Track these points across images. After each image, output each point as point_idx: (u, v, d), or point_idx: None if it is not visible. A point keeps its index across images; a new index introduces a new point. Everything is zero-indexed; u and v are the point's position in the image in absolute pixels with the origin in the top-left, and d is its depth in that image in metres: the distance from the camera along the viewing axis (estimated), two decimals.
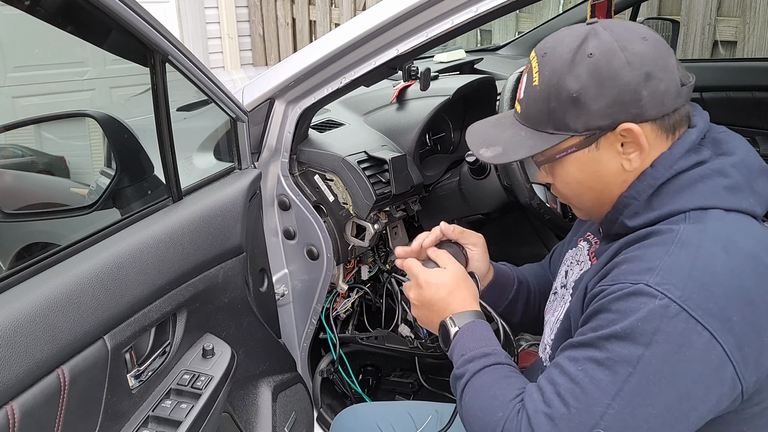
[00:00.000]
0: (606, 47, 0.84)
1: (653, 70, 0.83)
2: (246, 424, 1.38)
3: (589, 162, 0.89)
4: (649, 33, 0.87)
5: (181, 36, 4.99)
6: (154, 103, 1.10)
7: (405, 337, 1.76)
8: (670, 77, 0.84)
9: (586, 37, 0.86)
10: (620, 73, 0.83)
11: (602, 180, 0.90)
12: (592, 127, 0.86)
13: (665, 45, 0.87)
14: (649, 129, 0.86)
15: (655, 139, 0.87)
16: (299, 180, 1.54)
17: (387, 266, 1.78)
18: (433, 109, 1.71)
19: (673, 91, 0.84)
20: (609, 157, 0.88)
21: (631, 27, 0.88)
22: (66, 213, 1.42)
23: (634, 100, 0.83)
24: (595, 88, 0.84)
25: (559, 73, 0.86)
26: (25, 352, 0.78)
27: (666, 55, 0.86)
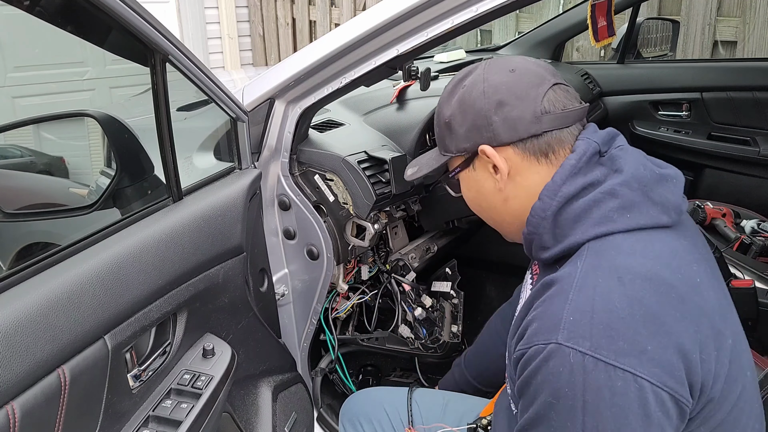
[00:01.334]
0: (474, 79, 0.96)
1: (506, 98, 0.92)
2: (246, 424, 1.38)
3: (472, 181, 1.02)
4: (524, 66, 0.95)
5: (181, 36, 5.00)
6: (154, 103, 1.10)
7: (405, 338, 1.76)
8: (526, 105, 0.91)
9: (468, 72, 0.99)
10: (476, 101, 0.94)
11: (486, 199, 1.01)
12: (461, 149, 0.98)
13: (537, 77, 0.94)
14: (512, 152, 0.94)
15: (522, 162, 0.94)
16: (299, 180, 1.54)
17: (387, 266, 1.78)
18: (433, 109, 1.71)
19: (528, 118, 0.91)
20: (484, 177, 0.98)
21: (510, 60, 0.97)
22: (66, 213, 1.42)
23: (485, 125, 0.93)
24: (459, 114, 0.97)
25: (441, 102, 1.02)
26: (25, 351, 0.78)
27: (529, 86, 0.92)
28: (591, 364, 0.74)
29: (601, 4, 2.00)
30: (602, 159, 0.92)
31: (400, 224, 1.87)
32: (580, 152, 0.91)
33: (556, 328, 0.77)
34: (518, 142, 0.93)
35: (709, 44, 3.08)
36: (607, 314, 0.76)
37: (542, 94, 0.92)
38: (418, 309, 1.77)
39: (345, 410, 1.42)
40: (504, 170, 0.94)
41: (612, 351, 0.74)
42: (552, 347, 0.77)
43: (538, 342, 0.79)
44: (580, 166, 0.90)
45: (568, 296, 0.80)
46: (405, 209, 1.80)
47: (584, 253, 0.85)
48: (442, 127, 1.01)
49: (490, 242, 2.40)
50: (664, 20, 2.90)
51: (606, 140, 0.94)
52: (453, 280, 1.94)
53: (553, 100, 0.93)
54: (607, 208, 0.86)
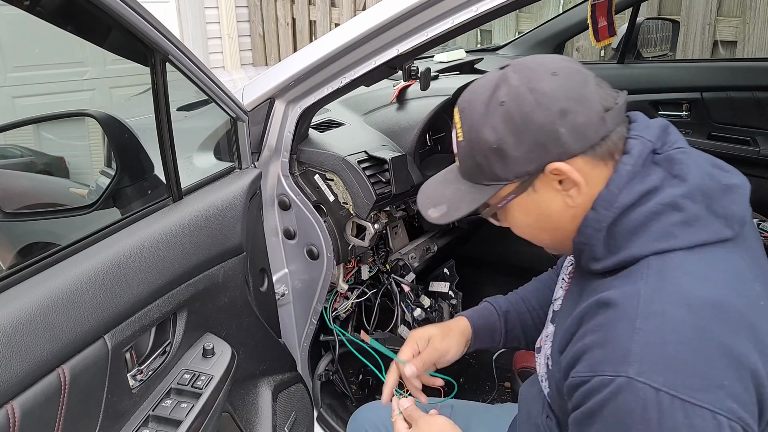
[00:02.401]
0: (515, 92, 0.83)
1: (567, 106, 0.81)
2: (246, 423, 1.38)
3: (531, 205, 0.88)
4: (561, 65, 0.85)
5: (181, 36, 5.00)
6: (154, 102, 1.10)
7: (405, 338, 1.76)
8: (588, 107, 0.81)
9: (497, 85, 0.85)
10: (532, 116, 0.81)
11: (550, 220, 0.89)
12: (521, 173, 0.85)
13: (580, 74, 0.84)
14: (582, 162, 0.83)
15: (593, 170, 0.84)
16: (299, 180, 1.54)
17: (387, 266, 1.78)
18: (433, 109, 1.71)
19: (595, 121, 0.81)
20: (550, 197, 0.87)
21: (542, 63, 0.86)
22: (66, 213, 1.42)
23: (553, 140, 0.81)
24: (512, 136, 0.83)
25: (477, 127, 0.86)
26: (25, 351, 0.78)
27: (580, 85, 0.83)
28: (666, 401, 0.70)
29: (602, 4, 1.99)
30: (657, 158, 0.84)
31: (400, 224, 1.87)
32: (636, 155, 0.83)
33: (625, 360, 0.72)
34: (588, 149, 0.82)
35: (709, 44, 3.08)
36: (679, 346, 0.72)
37: (594, 92, 0.83)
38: (417, 310, 1.77)
39: (352, 421, 1.40)
40: (582, 183, 0.83)
41: (688, 387, 0.70)
42: (621, 381, 0.72)
43: (604, 373, 0.74)
44: (636, 170, 0.82)
45: (634, 324, 0.74)
46: (405, 209, 1.80)
47: (644, 271, 0.79)
48: (487, 154, 0.85)
49: (490, 242, 2.41)
50: (664, 20, 2.90)
51: (659, 136, 0.86)
52: (451, 281, 1.93)
53: (604, 95, 0.84)
54: (669, 222, 0.79)
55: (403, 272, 1.77)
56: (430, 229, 1.95)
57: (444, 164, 1.84)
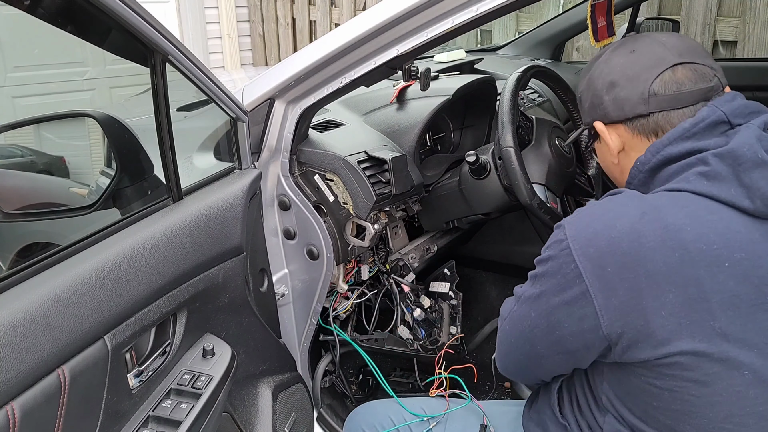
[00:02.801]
0: (602, 59, 1.03)
1: (618, 79, 0.97)
2: (246, 424, 1.38)
3: (599, 151, 1.10)
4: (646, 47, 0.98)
5: (181, 36, 4.99)
6: (154, 103, 1.10)
7: (404, 339, 1.76)
8: (634, 86, 0.95)
9: (605, 50, 1.04)
10: (595, 80, 1.02)
11: (608, 168, 1.10)
12: (587, 122, 1.06)
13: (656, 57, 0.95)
14: (623, 130, 0.99)
15: (633, 138, 0.98)
16: (299, 180, 1.54)
17: (387, 267, 1.78)
18: (433, 109, 1.71)
19: (634, 99, 0.95)
20: (605, 150, 1.05)
21: (636, 40, 1.00)
22: (66, 213, 1.42)
23: (598, 104, 1.01)
24: (586, 92, 1.05)
25: (581, 78, 1.09)
26: (25, 351, 0.78)
27: (645, 66, 0.95)
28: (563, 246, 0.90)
29: (601, 4, 1.99)
30: (729, 131, 0.89)
31: (400, 224, 1.87)
32: (699, 118, 0.90)
33: (573, 214, 0.93)
34: (626, 120, 0.97)
35: (709, 44, 3.08)
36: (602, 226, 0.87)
37: (655, 76, 0.94)
38: (416, 310, 1.77)
39: (348, 421, 1.42)
40: (612, 146, 1.01)
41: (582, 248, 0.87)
42: (562, 222, 0.93)
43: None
44: (695, 131, 0.90)
45: (603, 198, 0.92)
46: (405, 209, 1.80)
47: None
48: (577, 102, 1.11)
49: (490, 242, 2.40)
50: (664, 20, 2.90)
51: (742, 113, 0.90)
52: (451, 281, 1.93)
53: (667, 81, 0.94)
54: (693, 171, 0.87)
55: (403, 272, 1.77)
56: (430, 230, 1.95)
57: (444, 164, 1.85)
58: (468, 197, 1.69)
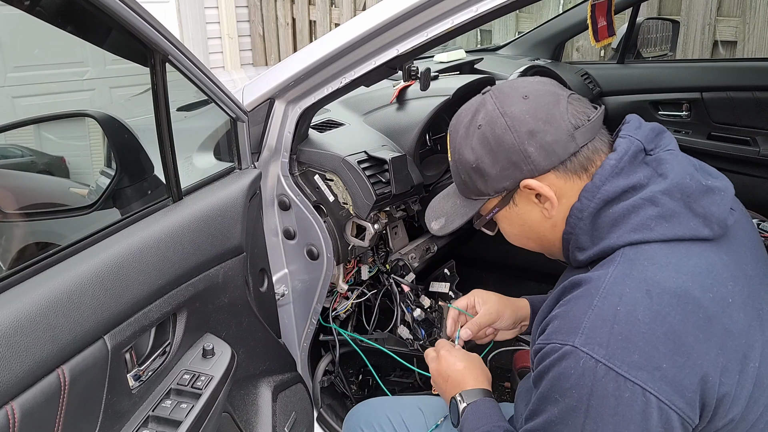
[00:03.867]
0: (490, 116, 0.92)
1: (535, 126, 0.89)
2: (246, 424, 1.38)
3: (514, 217, 0.98)
4: (533, 88, 0.92)
5: (181, 36, 4.99)
6: (154, 103, 1.10)
7: (404, 339, 1.76)
8: (556, 127, 0.88)
9: (476, 110, 0.95)
10: (503, 138, 0.90)
11: (533, 229, 0.97)
12: (499, 189, 0.94)
13: (551, 95, 0.91)
14: (554, 177, 0.91)
15: (565, 184, 0.91)
16: (299, 180, 1.54)
17: (387, 267, 1.78)
18: (433, 109, 1.71)
19: (563, 139, 0.88)
20: (529, 210, 0.95)
21: (516, 87, 0.94)
22: (66, 213, 1.42)
23: (523, 159, 0.90)
24: (487, 156, 0.92)
25: (459, 149, 0.96)
26: (25, 352, 0.78)
27: (549, 106, 0.90)
28: (602, 372, 0.76)
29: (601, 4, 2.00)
30: (648, 159, 0.89)
31: (400, 224, 1.87)
32: (621, 151, 0.88)
33: (575, 331, 0.79)
34: (559, 165, 0.90)
35: (709, 44, 3.08)
36: (628, 326, 0.76)
37: (564, 111, 0.89)
38: (416, 310, 1.77)
39: (347, 420, 1.42)
40: (552, 197, 0.91)
41: (625, 363, 0.75)
42: (567, 349, 0.78)
43: (555, 341, 0.81)
44: (622, 166, 0.87)
45: (593, 301, 0.80)
46: (405, 209, 1.80)
47: (617, 259, 0.84)
48: (470, 173, 0.96)
49: (490, 243, 2.40)
50: (664, 20, 2.90)
51: (651, 138, 0.91)
52: (452, 282, 1.93)
53: (575, 113, 0.90)
54: (646, 215, 0.84)
55: (403, 272, 1.77)
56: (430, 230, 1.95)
57: (444, 164, 1.85)
58: None
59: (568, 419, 0.79)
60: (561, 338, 0.80)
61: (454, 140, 0.98)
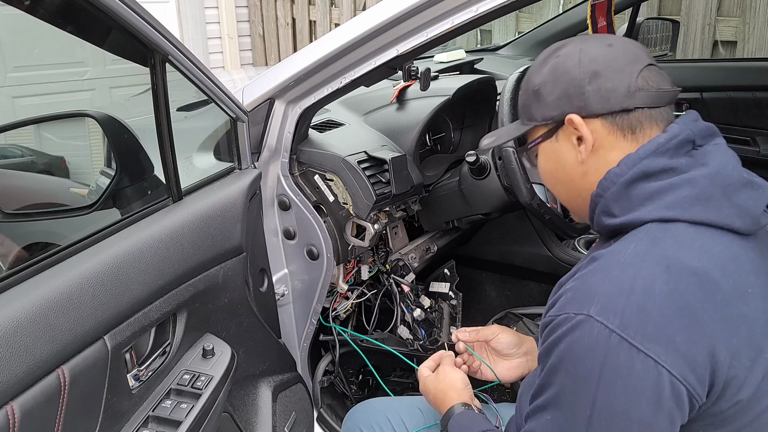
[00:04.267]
0: (570, 50, 0.94)
1: (602, 70, 0.90)
2: (246, 424, 1.38)
3: (552, 153, 0.98)
4: (621, 43, 0.94)
5: (181, 36, 4.99)
6: (154, 103, 1.10)
7: (404, 339, 1.76)
8: (621, 78, 0.90)
9: (563, 45, 0.96)
10: (570, 70, 0.92)
11: (565, 171, 0.97)
12: (548, 117, 0.95)
13: (634, 54, 0.92)
14: (600, 124, 0.91)
15: (608, 136, 0.91)
16: (299, 180, 1.54)
17: (387, 267, 1.78)
18: (433, 109, 1.71)
19: (621, 91, 0.89)
20: (567, 149, 0.95)
21: (608, 36, 0.97)
22: (66, 213, 1.42)
23: (578, 94, 0.91)
24: (551, 83, 0.94)
25: (532, 71, 0.98)
26: (25, 352, 0.78)
27: (627, 61, 0.91)
28: (616, 342, 0.75)
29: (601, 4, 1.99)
30: (694, 152, 0.89)
31: (400, 224, 1.87)
32: (672, 134, 0.89)
33: (590, 301, 0.78)
34: (608, 114, 0.90)
35: (709, 44, 3.08)
36: (644, 297, 0.76)
37: (638, 71, 0.91)
38: (416, 310, 1.77)
39: (346, 420, 1.42)
40: (589, 141, 0.91)
41: (639, 334, 0.75)
42: (581, 318, 0.78)
43: (569, 311, 0.80)
44: (669, 147, 0.88)
45: (610, 272, 0.80)
46: (405, 209, 1.80)
47: (642, 233, 0.84)
48: (530, 95, 0.98)
49: (490, 242, 2.40)
50: (664, 20, 2.90)
51: (704, 134, 0.91)
52: (451, 282, 1.93)
53: (647, 78, 0.91)
54: (682, 194, 0.84)
55: (403, 272, 1.77)
56: (430, 230, 1.95)
57: (444, 164, 1.85)
58: (468, 197, 1.69)
59: (580, 390, 0.78)
60: (575, 308, 0.79)
61: (533, 65, 1.00)
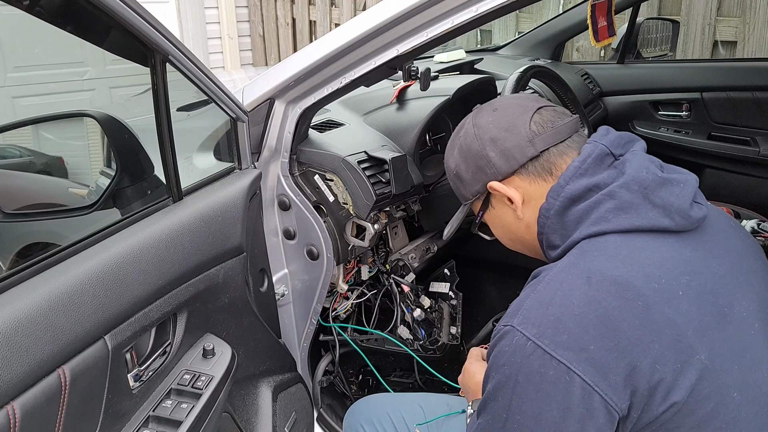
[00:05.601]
0: (467, 129, 1.03)
1: (496, 134, 0.98)
2: (246, 424, 1.38)
3: (495, 219, 1.06)
4: (505, 102, 1.03)
5: (181, 36, 5.00)
6: (154, 103, 1.10)
7: (404, 339, 1.76)
8: (516, 134, 0.97)
9: (463, 124, 1.06)
10: (471, 145, 1.01)
11: (511, 230, 1.05)
12: (474, 192, 1.03)
13: (519, 107, 1.00)
14: (518, 180, 0.98)
15: (530, 185, 0.98)
16: (299, 180, 1.54)
17: (387, 267, 1.78)
18: (433, 109, 1.71)
19: (522, 144, 0.96)
20: (503, 212, 1.03)
21: (494, 102, 1.05)
22: (66, 213, 1.42)
23: (486, 164, 0.99)
24: (462, 162, 1.03)
25: (446, 158, 1.09)
26: (25, 352, 0.78)
27: (514, 117, 0.98)
28: (530, 349, 0.79)
29: (602, 4, 2.00)
30: (616, 163, 0.93)
31: (400, 224, 1.87)
32: (585, 155, 0.93)
33: (516, 314, 0.84)
34: (520, 168, 0.97)
35: (709, 44, 3.08)
36: (561, 308, 0.81)
37: (528, 120, 0.97)
38: (416, 310, 1.77)
39: (347, 416, 1.42)
40: (516, 198, 0.98)
41: (554, 342, 0.79)
42: (506, 329, 0.84)
43: (501, 323, 0.86)
44: (585, 167, 0.92)
45: (536, 287, 0.86)
46: (405, 209, 1.80)
47: (574, 251, 0.88)
48: (454, 179, 1.07)
49: (490, 242, 2.40)
50: (664, 20, 2.90)
51: (619, 143, 0.95)
52: (451, 282, 1.93)
53: (540, 122, 0.97)
54: (605, 207, 0.88)
55: (403, 272, 1.77)
56: (430, 230, 1.95)
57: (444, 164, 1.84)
58: None
59: (498, 394, 0.83)
60: (505, 320, 0.85)
61: (446, 153, 1.09)
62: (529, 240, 1.02)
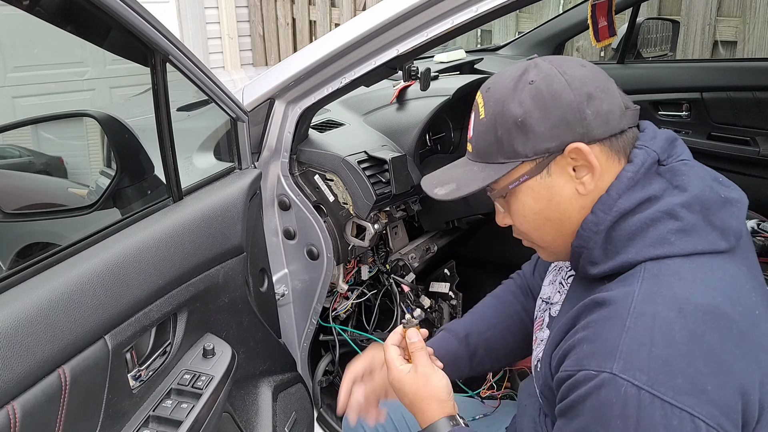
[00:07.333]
0: (546, 73, 0.85)
1: (594, 91, 0.83)
2: (246, 424, 1.38)
3: (542, 189, 0.88)
4: (588, 63, 0.89)
5: (181, 36, 5.00)
6: (154, 103, 1.11)
7: None
8: (612, 98, 0.85)
9: (526, 69, 0.87)
10: (561, 94, 0.83)
11: (559, 208, 0.88)
12: (541, 150, 0.85)
13: (604, 74, 0.88)
14: (599, 150, 0.84)
15: (606, 161, 0.85)
16: (299, 180, 1.54)
17: (387, 267, 1.78)
18: (433, 109, 1.71)
19: (617, 112, 0.84)
20: (562, 183, 0.87)
21: (570, 58, 0.90)
22: (66, 213, 1.42)
23: (578, 119, 0.83)
24: (538, 111, 0.84)
25: (503, 101, 0.86)
26: (26, 351, 0.78)
27: (606, 80, 0.86)
28: (647, 400, 0.71)
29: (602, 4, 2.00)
30: (662, 170, 0.85)
31: (400, 224, 1.87)
32: (638, 163, 0.84)
33: (611, 357, 0.74)
34: (607, 139, 0.84)
35: (709, 44, 3.08)
36: (666, 348, 0.73)
37: (617, 89, 0.86)
38: (417, 310, 1.77)
39: (345, 418, 1.42)
40: (598, 170, 0.84)
41: (670, 388, 0.71)
42: (605, 376, 0.74)
43: (589, 368, 0.76)
44: (638, 178, 0.84)
45: (624, 323, 0.76)
46: (405, 209, 1.80)
47: (640, 275, 0.80)
48: (510, 129, 0.86)
49: (490, 242, 2.40)
50: (664, 20, 2.90)
51: (665, 148, 0.87)
52: (452, 282, 1.93)
53: (624, 98, 0.87)
54: (666, 229, 0.80)
55: (403, 272, 1.77)
56: (430, 230, 1.95)
57: (444, 164, 1.85)
58: (468, 197, 1.69)
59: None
60: (596, 365, 0.75)
61: (496, 94, 0.88)
62: (570, 226, 0.88)
